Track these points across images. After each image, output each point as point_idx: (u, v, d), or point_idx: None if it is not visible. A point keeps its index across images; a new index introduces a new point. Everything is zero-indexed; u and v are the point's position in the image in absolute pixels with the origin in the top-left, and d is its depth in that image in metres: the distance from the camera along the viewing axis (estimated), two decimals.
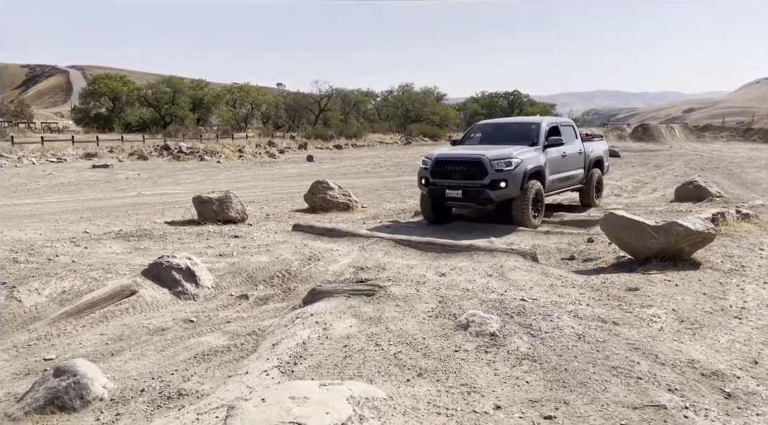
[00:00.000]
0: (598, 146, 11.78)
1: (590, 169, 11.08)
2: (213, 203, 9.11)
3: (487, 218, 9.79)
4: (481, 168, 8.74)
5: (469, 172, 8.88)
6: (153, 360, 4.22)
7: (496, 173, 8.66)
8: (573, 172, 10.48)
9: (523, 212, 8.84)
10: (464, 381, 3.34)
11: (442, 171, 9.15)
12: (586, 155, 10.91)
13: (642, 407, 3.00)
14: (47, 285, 5.39)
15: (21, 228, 8.06)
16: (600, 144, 12.05)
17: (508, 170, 8.66)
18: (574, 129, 10.96)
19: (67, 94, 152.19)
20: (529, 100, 74.56)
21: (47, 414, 3.35)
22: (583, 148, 10.85)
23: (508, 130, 10.43)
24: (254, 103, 58.75)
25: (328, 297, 5.16)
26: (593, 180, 11.18)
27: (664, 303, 4.70)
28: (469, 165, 8.92)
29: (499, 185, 8.65)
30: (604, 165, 11.86)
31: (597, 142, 12.10)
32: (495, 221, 9.30)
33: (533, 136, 9.64)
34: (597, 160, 11.35)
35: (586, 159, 10.92)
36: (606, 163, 12.00)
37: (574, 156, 10.45)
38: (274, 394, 2.88)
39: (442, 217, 9.67)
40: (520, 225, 8.78)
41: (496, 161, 8.68)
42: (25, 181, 15.67)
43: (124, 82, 53.04)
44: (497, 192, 8.71)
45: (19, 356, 4.35)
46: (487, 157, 8.75)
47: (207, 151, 26.52)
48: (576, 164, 10.57)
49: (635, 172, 20.24)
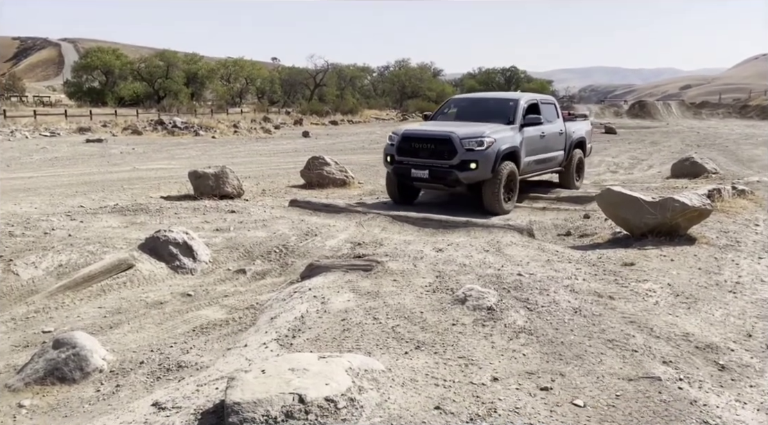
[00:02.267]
0: (581, 126, 11.12)
1: (571, 150, 10.40)
2: (209, 178, 9.07)
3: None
4: (450, 146, 8.11)
5: (437, 151, 8.25)
6: (152, 333, 4.25)
7: (466, 153, 8.03)
8: (552, 153, 9.86)
9: (493, 196, 8.21)
10: (462, 353, 3.37)
11: (409, 148, 8.53)
12: (567, 135, 10.25)
13: (637, 379, 3.04)
14: (44, 258, 5.38)
15: (16, 202, 8.01)
16: (583, 124, 11.42)
17: (480, 150, 8.01)
18: (555, 107, 10.32)
19: (59, 67, 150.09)
20: (527, 76, 73.93)
21: (47, 386, 3.38)
22: (565, 128, 10.20)
23: (484, 106, 9.75)
24: (249, 77, 58.04)
25: (326, 272, 5.18)
26: (573, 162, 10.50)
27: (659, 278, 4.74)
28: (437, 143, 8.28)
29: (469, 166, 8.02)
30: (587, 146, 11.23)
31: (580, 121, 11.50)
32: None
33: (510, 113, 8.97)
34: (579, 141, 10.67)
35: (568, 140, 10.26)
36: (589, 144, 11.38)
37: (554, 136, 9.81)
38: (274, 366, 2.91)
39: (409, 197, 9.20)
40: (490, 211, 8.19)
41: (467, 140, 8.05)
42: (19, 154, 15.53)
43: (117, 56, 52.26)
44: (467, 173, 8.09)
45: (18, 328, 4.36)
46: (457, 135, 8.12)
47: (202, 126, 26.29)
48: (556, 145, 9.92)
49: (632, 149, 20.24)
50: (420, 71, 67.04)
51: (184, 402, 2.90)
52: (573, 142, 10.38)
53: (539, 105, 9.61)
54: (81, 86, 50.95)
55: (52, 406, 3.21)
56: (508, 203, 8.48)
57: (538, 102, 9.70)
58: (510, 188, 8.48)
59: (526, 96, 9.72)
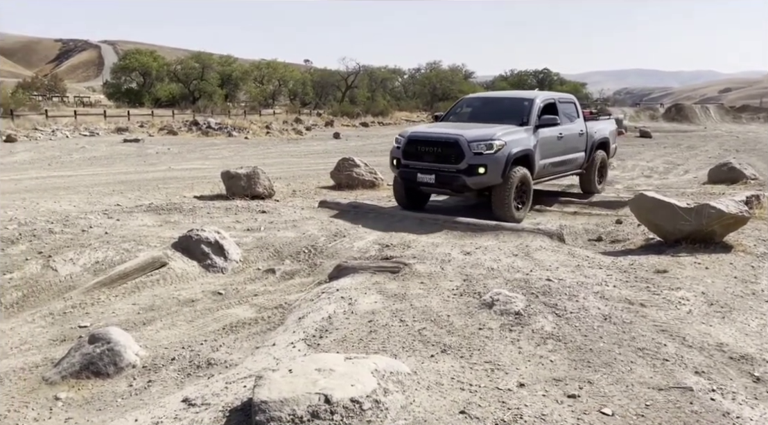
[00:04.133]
0: (604, 126, 10.53)
1: (593, 151, 9.84)
2: (241, 178, 9.21)
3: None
4: (457, 150, 7.64)
5: (444, 155, 7.79)
6: (183, 330, 4.34)
7: (474, 157, 7.54)
8: (571, 155, 9.29)
9: (503, 203, 7.69)
10: (488, 358, 3.35)
11: (415, 152, 8.09)
12: (588, 136, 9.67)
13: (667, 389, 2.98)
14: (81, 255, 5.55)
15: (56, 199, 8.28)
16: (607, 123, 10.83)
17: (489, 154, 7.51)
18: (576, 106, 9.73)
19: (99, 68, 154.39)
20: (560, 78, 73.02)
21: (83, 379, 3.49)
22: (585, 128, 9.62)
23: (497, 106, 9.22)
24: (282, 79, 58.72)
25: (354, 273, 5.21)
26: (596, 163, 9.91)
27: (693, 286, 4.64)
28: (444, 146, 7.81)
29: (477, 170, 7.54)
30: (611, 147, 10.62)
31: (603, 121, 10.93)
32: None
33: (524, 113, 8.42)
34: (602, 141, 10.12)
35: (589, 140, 9.69)
36: (613, 144, 10.79)
37: (573, 137, 9.24)
38: (301, 366, 2.95)
39: (418, 203, 8.73)
40: (500, 218, 7.58)
41: (475, 143, 7.56)
42: (60, 153, 16.03)
43: (154, 58, 53.46)
44: (475, 178, 7.59)
45: (55, 323, 4.51)
46: (464, 137, 7.64)
47: (235, 127, 26.71)
48: (575, 147, 9.37)
49: (667, 153, 19.79)
50: (451, 73, 66.81)
51: (212, 399, 2.96)
52: (595, 143, 9.88)
53: (557, 104, 9.08)
54: (119, 87, 52.28)
55: (86, 399, 3.31)
56: (520, 211, 7.98)
57: (556, 101, 9.16)
58: (522, 194, 8.02)
59: (542, 95, 9.17)
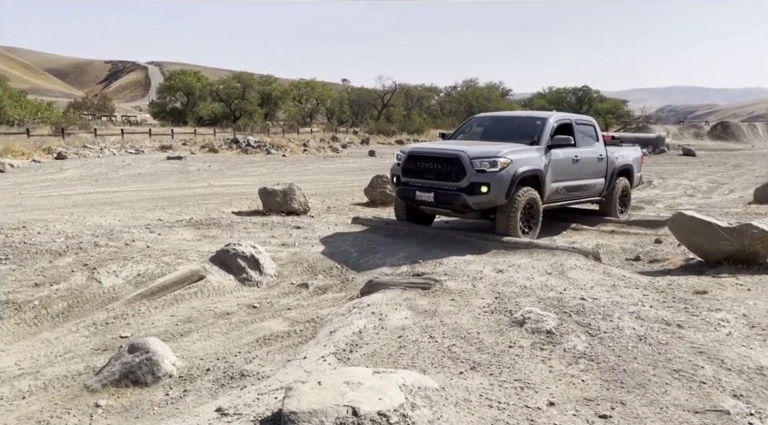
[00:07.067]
0: (628, 152, 9.99)
1: (614, 178, 9.30)
2: (277, 195, 9.40)
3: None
4: (458, 167, 7.23)
5: (444, 172, 7.39)
6: (218, 342, 4.45)
7: (476, 174, 7.12)
8: (589, 180, 8.73)
9: (508, 226, 7.27)
10: (518, 376, 3.33)
11: (415, 168, 7.72)
12: (609, 162, 9.15)
13: (704, 412, 2.90)
14: (124, 268, 5.76)
15: (102, 214, 8.61)
16: (630, 149, 10.24)
17: (492, 172, 7.08)
18: (595, 129, 9.19)
19: (146, 88, 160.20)
20: (599, 96, 71.85)
21: (122, 387, 3.61)
22: (606, 153, 9.09)
23: (508, 125, 8.87)
24: (319, 98, 59.72)
25: (385, 289, 5.25)
26: (616, 191, 9.37)
27: (734, 308, 4.50)
28: (444, 162, 7.41)
29: (479, 189, 7.09)
30: (635, 175, 10.02)
31: (627, 147, 10.32)
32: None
33: (535, 132, 7.98)
34: (624, 168, 9.57)
35: (610, 166, 9.16)
36: (637, 173, 10.20)
37: (591, 161, 8.71)
38: (330, 378, 2.99)
39: (421, 222, 8.36)
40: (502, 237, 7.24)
41: (478, 160, 7.13)
42: (107, 170, 16.66)
43: (198, 78, 55.17)
44: (476, 198, 7.16)
45: (98, 333, 4.68)
46: (466, 153, 7.22)
47: (273, 145, 27.26)
48: (594, 172, 8.84)
49: (711, 172, 19.24)
50: (488, 91, 66.69)
51: (245, 410, 3.03)
52: (616, 169, 9.33)
53: (573, 125, 8.59)
54: (164, 106, 54.07)
55: (125, 407, 3.43)
56: (527, 235, 7.50)
57: (572, 122, 8.66)
58: (530, 217, 7.60)
59: (557, 115, 8.67)
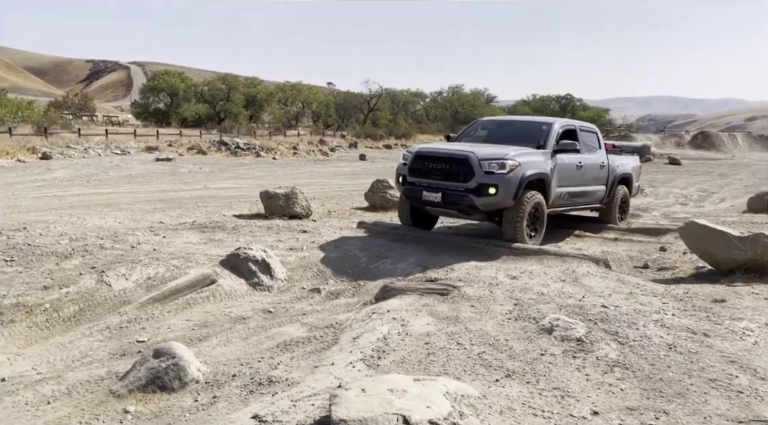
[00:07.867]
0: (627, 161, 10.07)
1: (614, 186, 9.32)
2: (279, 198, 9.31)
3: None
4: (466, 167, 7.20)
5: (452, 172, 7.37)
6: (238, 347, 4.36)
7: (484, 176, 7.10)
8: (591, 187, 8.77)
9: (515, 228, 7.26)
10: (556, 384, 3.31)
11: (422, 168, 7.69)
12: (610, 169, 9.16)
13: (747, 422, 2.92)
14: (133, 271, 5.64)
15: (101, 216, 8.43)
16: (630, 158, 10.33)
17: (500, 173, 7.06)
18: (597, 136, 9.24)
19: (128, 88, 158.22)
20: (582, 104, 72.74)
21: (149, 393, 3.51)
22: (607, 161, 9.11)
23: (513, 129, 8.84)
24: (305, 101, 59.51)
25: (401, 295, 5.21)
26: (616, 199, 9.40)
27: (755, 317, 4.54)
28: (452, 163, 7.39)
29: (487, 191, 7.08)
30: (634, 184, 10.10)
31: (627, 156, 10.40)
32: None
33: (541, 137, 7.97)
34: (624, 176, 9.63)
35: (611, 174, 9.18)
36: (636, 182, 10.27)
37: (593, 168, 8.72)
38: (373, 386, 2.94)
39: (425, 223, 8.35)
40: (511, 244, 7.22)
41: (486, 161, 7.12)
42: (96, 171, 16.37)
43: (182, 79, 54.57)
44: (484, 199, 7.15)
45: (113, 337, 4.56)
46: (475, 155, 7.20)
47: (263, 148, 27.08)
48: (595, 178, 8.85)
49: (699, 181, 19.58)
50: (473, 97, 67.19)
51: (283, 416, 2.96)
52: (617, 177, 9.37)
53: (577, 131, 8.63)
54: (147, 107, 53.36)
55: (155, 413, 3.33)
56: (533, 239, 7.52)
57: (576, 128, 8.68)
58: (535, 221, 7.61)
59: (562, 120, 8.79)
